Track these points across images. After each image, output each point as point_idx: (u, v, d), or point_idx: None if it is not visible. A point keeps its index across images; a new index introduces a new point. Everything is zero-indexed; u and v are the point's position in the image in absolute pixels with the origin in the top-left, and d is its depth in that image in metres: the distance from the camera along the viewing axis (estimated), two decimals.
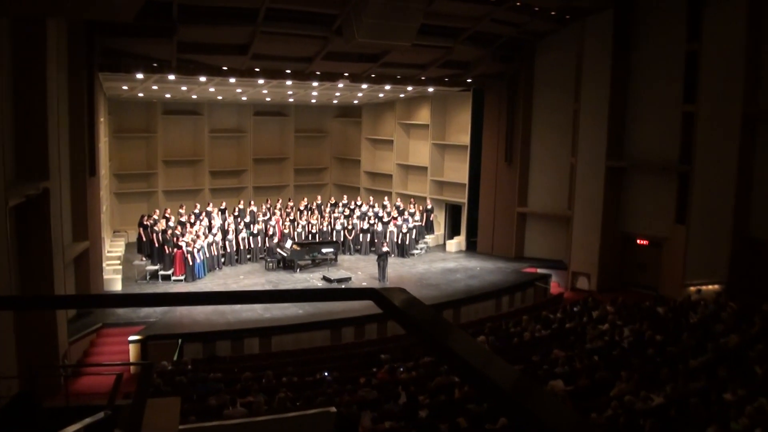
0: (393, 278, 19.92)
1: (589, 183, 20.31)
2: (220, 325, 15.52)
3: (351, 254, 23.03)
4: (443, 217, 25.84)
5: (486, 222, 23.73)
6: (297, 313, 16.38)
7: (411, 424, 8.08)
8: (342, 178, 29.12)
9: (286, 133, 27.95)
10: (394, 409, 9.12)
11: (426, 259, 22.77)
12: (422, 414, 8.82)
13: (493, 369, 1.91)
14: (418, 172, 26.28)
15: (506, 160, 23.00)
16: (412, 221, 23.43)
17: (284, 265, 20.95)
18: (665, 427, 7.45)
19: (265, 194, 26.42)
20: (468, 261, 22.70)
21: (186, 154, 25.91)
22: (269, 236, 21.68)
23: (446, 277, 20.44)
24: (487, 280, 20.05)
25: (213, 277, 19.72)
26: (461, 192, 24.75)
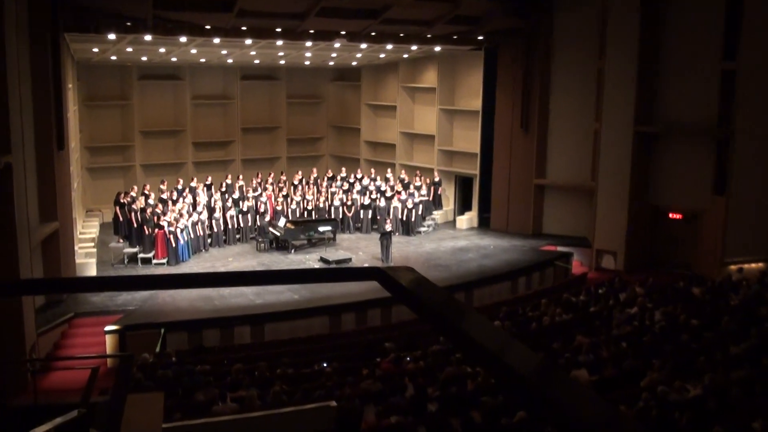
0: (398, 259, 19.98)
1: (615, 150, 20.23)
2: (207, 312, 15.58)
3: (351, 233, 23.09)
4: (453, 190, 25.87)
5: (500, 196, 23.74)
6: (292, 299, 16.44)
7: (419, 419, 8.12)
8: (340, 148, 29.06)
9: (277, 100, 27.86)
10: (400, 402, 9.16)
11: (434, 238, 22.84)
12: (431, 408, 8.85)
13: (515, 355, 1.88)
14: (425, 142, 26.22)
15: (522, 127, 22.93)
16: (418, 196, 23.44)
17: (277, 246, 21.00)
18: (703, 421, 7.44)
19: (255, 168, 26.42)
20: (480, 239, 22.76)
21: (166, 124, 25.87)
22: (260, 214, 21.70)
23: (456, 256, 20.52)
24: (502, 259, 20.11)
25: (198, 259, 19.77)
26: (472, 163, 24.70)
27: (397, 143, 26.75)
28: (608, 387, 9.54)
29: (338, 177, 24.87)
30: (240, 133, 27.02)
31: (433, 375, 10.60)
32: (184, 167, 26.00)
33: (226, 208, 21.67)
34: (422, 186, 24.08)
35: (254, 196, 22.39)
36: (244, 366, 11.49)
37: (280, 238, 20.83)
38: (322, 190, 23.97)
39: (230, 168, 26.49)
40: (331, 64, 26.90)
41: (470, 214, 24.86)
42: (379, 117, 27.93)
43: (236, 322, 15.25)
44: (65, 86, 16.82)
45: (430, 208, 24.28)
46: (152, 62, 24.16)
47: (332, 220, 22.07)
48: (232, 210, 21.56)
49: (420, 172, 24.91)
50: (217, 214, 21.18)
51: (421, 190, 23.81)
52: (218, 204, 21.54)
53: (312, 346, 13.96)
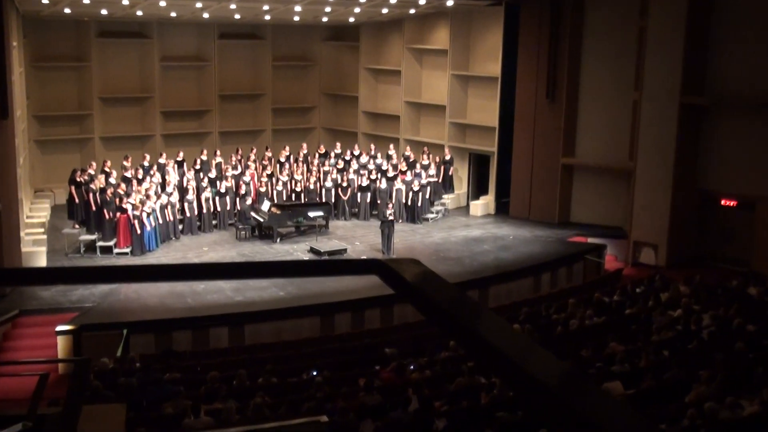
0: (401, 250, 20.00)
1: (658, 126, 20.19)
2: (178, 310, 15.61)
3: (346, 219, 23.10)
4: (466, 171, 25.81)
5: (521, 177, 23.74)
6: (277, 296, 16.47)
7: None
8: (334, 120, 29.03)
9: (261, 63, 27.80)
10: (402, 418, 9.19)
11: (444, 226, 22.84)
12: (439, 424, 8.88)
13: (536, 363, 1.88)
14: (434, 113, 26.16)
15: (548, 97, 22.89)
16: (426, 176, 23.42)
17: (260, 234, 21.01)
18: None
19: (234, 142, 26.40)
20: (498, 228, 22.77)
21: (130, 90, 25.83)
22: (240, 196, 21.71)
23: (470, 248, 20.53)
24: (523, 252, 20.12)
25: (168, 249, 19.83)
26: (489, 138, 24.67)
27: (402, 115, 26.70)
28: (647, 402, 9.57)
29: (332, 154, 24.82)
30: (217, 101, 26.97)
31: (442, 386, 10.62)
32: (152, 140, 25.99)
33: (201, 188, 21.67)
34: (430, 165, 24.06)
35: (234, 176, 22.36)
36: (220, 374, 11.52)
37: (263, 224, 20.84)
38: (312, 169, 23.94)
39: (206, 142, 26.46)
40: (325, 20, 26.78)
41: (486, 198, 24.82)
42: (380, 84, 27.86)
43: (212, 322, 15.27)
44: (8, 44, 16.79)
45: (439, 191, 24.26)
46: (114, 17, 24.06)
47: (324, 204, 22.03)
48: (207, 191, 21.55)
49: (428, 149, 24.87)
50: (189, 196, 21.19)
51: (429, 170, 23.78)
52: (191, 184, 21.54)
53: (300, 351, 14.00)
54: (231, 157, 23.68)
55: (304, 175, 23.47)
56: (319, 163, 24.32)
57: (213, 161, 23.36)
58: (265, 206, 21.03)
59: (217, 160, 23.42)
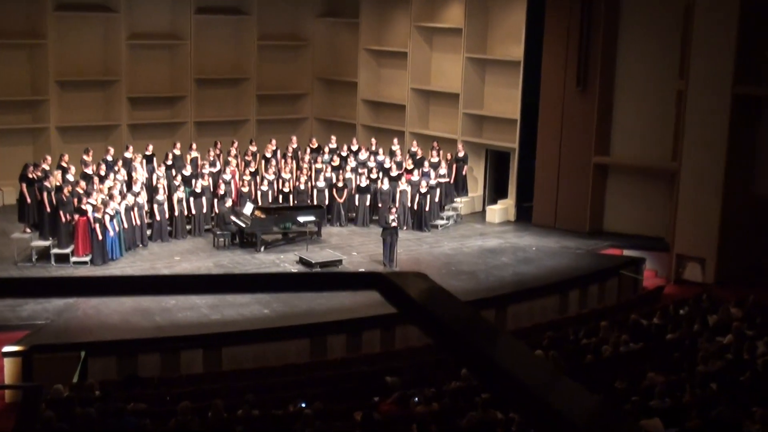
0: (405, 262, 20.02)
1: (707, 120, 20.18)
2: (145, 330, 15.60)
3: (342, 225, 23.12)
4: (482, 170, 25.82)
5: (547, 178, 23.75)
6: (261, 314, 16.46)
7: None
8: (329, 110, 29.03)
9: (244, 42, 27.84)
10: None
11: (455, 235, 22.85)
12: None
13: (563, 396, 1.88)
14: (446, 102, 26.16)
15: (579, 85, 22.91)
16: (435, 176, 23.42)
17: (241, 242, 21.01)
18: None
19: (213, 134, 26.42)
20: (519, 237, 22.77)
21: (92, 72, 25.85)
22: (219, 197, 21.72)
23: (486, 261, 20.54)
24: (548, 266, 20.13)
25: (134, 258, 19.85)
26: (510, 132, 24.67)
27: (408, 104, 26.70)
28: None
29: (326, 149, 24.81)
30: (193, 86, 26.97)
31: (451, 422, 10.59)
32: (117, 131, 26.00)
33: (173, 188, 21.66)
34: (441, 163, 24.04)
35: (211, 173, 22.34)
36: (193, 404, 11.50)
37: (245, 230, 20.83)
38: (303, 167, 23.92)
39: (179, 134, 26.49)
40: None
41: (505, 202, 24.82)
42: (383, 68, 27.88)
43: (184, 344, 15.26)
44: None
45: (450, 193, 24.26)
46: None
47: (317, 207, 22.02)
48: (180, 191, 21.56)
49: (438, 145, 24.85)
50: (160, 197, 21.18)
51: (438, 169, 23.77)
52: (162, 182, 21.53)
53: (286, 379, 13.99)
54: (208, 151, 23.65)
55: (293, 174, 23.43)
56: (310, 159, 24.27)
57: (187, 156, 23.35)
58: (247, 209, 21.02)
59: (192, 155, 23.41)
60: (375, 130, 27.35)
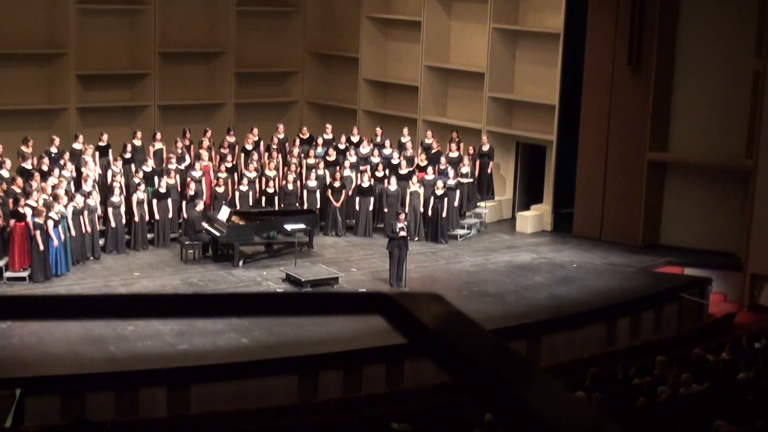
0: (417, 281, 19.93)
1: None
2: (96, 363, 15.56)
3: (338, 234, 23.06)
4: (512, 168, 25.73)
5: (591, 179, 23.63)
6: (238, 344, 16.41)
7: None
8: (324, 91, 28.97)
9: (220, 7, 27.78)
10: None
11: (479, 247, 22.77)
12: None
13: None
14: (468, 84, 26.07)
15: (631, 64, 22.85)
16: (454, 175, 23.34)
17: (215, 254, 20.98)
18: None
19: (181, 121, 26.34)
20: (556, 251, 22.71)
21: (33, 44, 25.77)
22: (189, 199, 21.70)
23: (516, 280, 20.47)
24: (592, 287, 20.03)
25: (83, 272, 19.83)
26: (546, 121, 24.58)
27: (422, 86, 26.56)
28: None
29: (319, 140, 24.72)
30: (158, 61, 26.86)
31: None
32: (63, 117, 25.95)
33: (132, 187, 21.62)
34: (461, 159, 23.96)
35: (179, 170, 22.33)
36: None
37: (220, 240, 20.78)
38: (292, 162, 23.80)
39: (140, 120, 26.43)
40: None
41: (540, 208, 24.75)
42: (390, 41, 27.85)
43: (144, 380, 15.21)
44: None
45: (473, 196, 24.19)
46: None
47: (308, 212, 21.95)
48: (141, 191, 21.51)
49: (458, 136, 24.79)
50: (116, 198, 21.16)
51: (459, 167, 23.69)
52: (118, 181, 21.52)
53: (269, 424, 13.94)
54: (176, 142, 23.61)
55: (279, 171, 23.37)
56: (301, 153, 24.21)
57: (150, 148, 23.33)
58: (222, 214, 20.94)
59: (156, 147, 23.39)
60: (380, 117, 27.28)
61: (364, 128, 26.26)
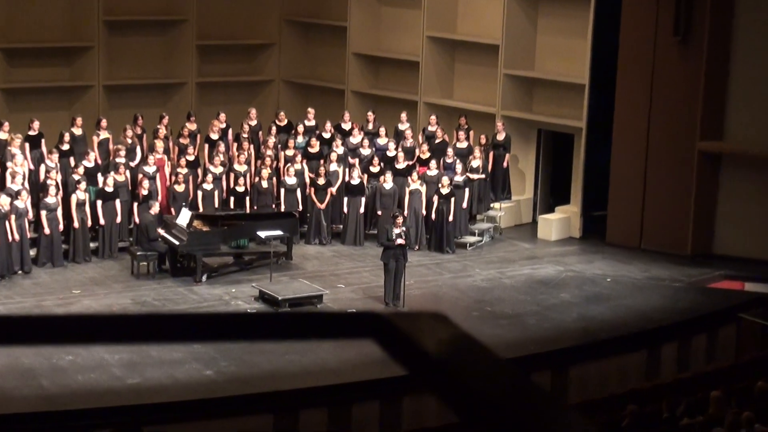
0: (418, 299, 19.94)
1: None
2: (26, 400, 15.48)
3: (323, 243, 23.18)
4: (532, 161, 25.88)
5: (628, 174, 23.71)
6: (201, 376, 16.42)
7: None
8: (305, 68, 29.08)
9: None
10: None
11: (493, 258, 22.93)
12: None
13: None
14: (479, 59, 26.18)
15: (678, 34, 22.91)
16: (463, 170, 23.41)
17: (174, 267, 21.09)
18: None
19: (133, 104, 26.42)
20: (587, 263, 22.86)
21: None
22: (141, 200, 21.72)
23: (538, 297, 20.60)
24: (630, 307, 20.12)
25: (10, 290, 19.84)
26: (574, 104, 24.69)
27: (423, 61, 26.61)
28: None
29: (300, 128, 24.78)
30: (102, 31, 26.81)
31: None
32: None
33: (71, 186, 21.65)
34: (472, 151, 24.04)
35: (129, 165, 22.35)
36: None
37: (179, 250, 20.86)
38: (266, 155, 23.81)
39: (80, 103, 26.47)
40: None
41: (567, 210, 24.91)
42: (386, 6, 27.94)
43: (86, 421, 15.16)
44: None
45: (485, 195, 24.26)
46: None
47: (286, 215, 22.05)
48: (82, 190, 21.52)
49: (467, 122, 24.86)
50: (50, 199, 21.15)
51: (470, 160, 23.76)
52: (54, 177, 21.50)
53: None
54: (125, 130, 23.62)
55: (251, 165, 23.45)
56: (277, 143, 24.30)
57: (94, 138, 23.36)
58: (182, 218, 20.97)
59: (100, 137, 23.42)
60: (373, 99, 27.41)
61: (353, 113, 26.31)
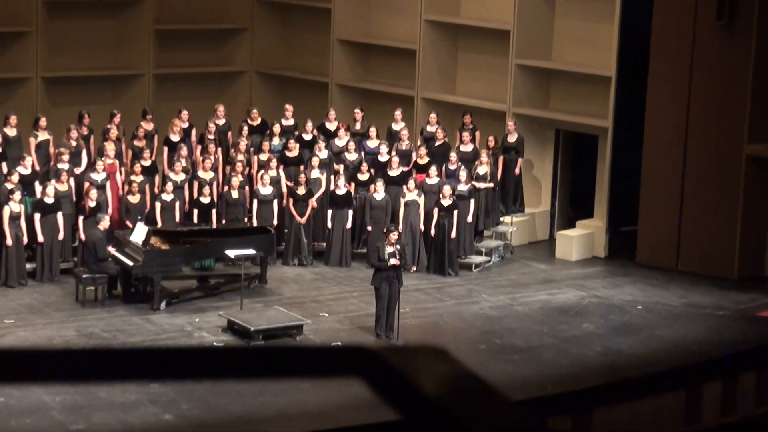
0: (414, 330, 20.21)
1: None
2: None
3: (303, 263, 23.46)
4: (549, 167, 26.15)
5: (662, 183, 23.96)
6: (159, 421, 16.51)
7: None
8: (282, 58, 29.37)
9: None
10: None
11: (503, 281, 23.25)
12: None
13: None
14: (487, 45, 26.49)
15: (721, 19, 23.10)
16: (467, 179, 23.57)
17: (127, 292, 21.30)
18: None
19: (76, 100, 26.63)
20: (614, 287, 23.14)
21: None
22: (88, 214, 21.83)
23: (556, 328, 20.90)
24: (664, 339, 20.39)
25: None
26: (598, 101, 24.93)
27: (421, 50, 26.81)
28: None
29: (276, 128, 25.08)
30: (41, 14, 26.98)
31: None
32: None
33: (4, 196, 21.80)
34: (478, 155, 24.25)
35: (72, 171, 22.49)
36: None
37: (133, 272, 20.99)
38: (237, 160, 24.03)
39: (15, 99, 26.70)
40: None
41: (590, 225, 25.18)
42: None
43: None
44: None
45: (494, 207, 24.44)
46: None
47: (259, 231, 22.27)
48: (16, 201, 21.65)
49: (472, 121, 25.01)
50: None
51: (476, 166, 23.98)
52: None
53: None
54: (68, 130, 23.79)
55: (218, 172, 23.69)
56: (250, 145, 24.51)
57: (31, 140, 23.56)
58: (137, 234, 21.10)
59: (39, 138, 23.60)
60: (363, 94, 27.72)
61: (339, 110, 26.57)
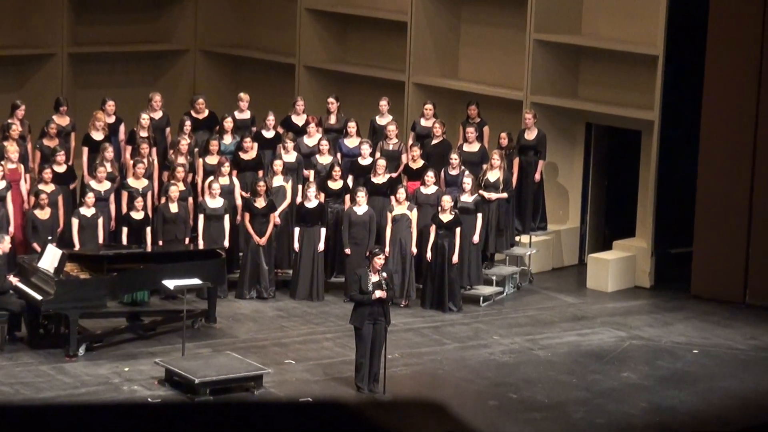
0: (405, 381, 20.24)
1: None
2: None
3: (264, 296, 23.53)
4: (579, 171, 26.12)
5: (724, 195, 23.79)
6: None
7: None
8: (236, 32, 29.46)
9: None
10: None
11: (519, 318, 23.34)
12: None
13: None
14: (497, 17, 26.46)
15: None
16: (473, 187, 23.52)
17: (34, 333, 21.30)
18: None
19: None
20: (662, 325, 23.15)
21: None
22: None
23: (587, 377, 20.99)
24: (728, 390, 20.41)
25: None
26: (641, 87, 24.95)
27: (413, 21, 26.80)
28: None
29: (228, 122, 25.15)
30: None
31: None
32: None
33: None
34: (489, 156, 24.30)
35: None
36: None
37: (42, 308, 20.92)
38: (177, 164, 24.13)
39: None
40: None
41: (629, 246, 25.09)
42: None
43: None
44: None
45: (508, 224, 24.39)
46: None
47: (206, 254, 22.10)
48: None
49: (479, 112, 24.93)
50: None
51: (484, 170, 24.14)
52: None
53: None
54: None
55: (153, 179, 23.61)
56: (194, 144, 24.56)
57: None
58: (47, 259, 20.97)
59: None
60: (338, 79, 27.77)
61: (308, 100, 26.67)
